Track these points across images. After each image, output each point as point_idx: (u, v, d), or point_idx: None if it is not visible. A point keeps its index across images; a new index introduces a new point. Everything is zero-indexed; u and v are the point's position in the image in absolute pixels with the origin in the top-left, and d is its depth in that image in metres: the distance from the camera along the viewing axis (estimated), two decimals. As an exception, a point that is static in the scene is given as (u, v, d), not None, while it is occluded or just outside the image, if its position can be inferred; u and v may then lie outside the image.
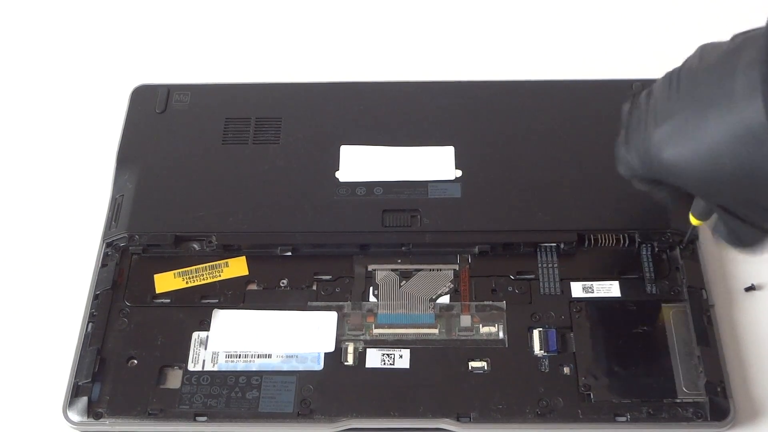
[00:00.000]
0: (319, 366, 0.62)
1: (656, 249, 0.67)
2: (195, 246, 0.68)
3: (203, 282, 0.67)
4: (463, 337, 0.64)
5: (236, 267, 0.67)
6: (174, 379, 0.62)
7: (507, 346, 0.63)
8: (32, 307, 0.68)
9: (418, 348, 0.63)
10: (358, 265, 0.67)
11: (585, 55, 0.82)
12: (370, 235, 0.68)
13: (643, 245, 0.67)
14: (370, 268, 0.67)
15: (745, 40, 0.51)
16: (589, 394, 0.61)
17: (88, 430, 0.61)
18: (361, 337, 0.64)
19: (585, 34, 0.84)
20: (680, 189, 0.56)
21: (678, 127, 0.53)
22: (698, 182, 0.53)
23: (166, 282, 0.67)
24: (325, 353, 0.63)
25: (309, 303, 0.65)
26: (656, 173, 0.55)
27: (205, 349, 0.63)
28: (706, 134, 0.51)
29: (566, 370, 0.62)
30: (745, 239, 0.57)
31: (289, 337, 0.64)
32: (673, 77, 0.55)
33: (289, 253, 0.67)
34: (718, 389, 0.60)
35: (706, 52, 0.54)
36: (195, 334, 0.64)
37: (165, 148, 0.73)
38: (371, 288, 0.66)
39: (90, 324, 0.64)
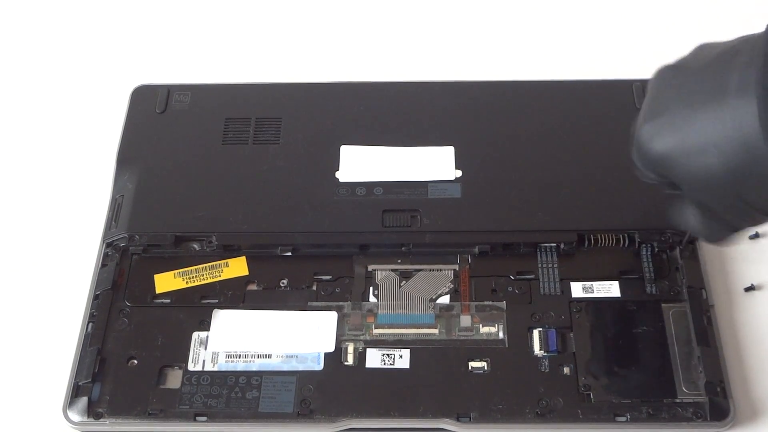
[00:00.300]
0: (319, 366, 0.62)
1: (656, 249, 0.67)
2: (195, 246, 0.68)
3: (203, 282, 0.67)
4: (463, 337, 0.64)
5: (236, 267, 0.67)
6: (174, 379, 0.62)
7: (507, 346, 0.63)
8: (32, 307, 0.68)
9: (418, 348, 0.63)
10: (358, 265, 0.67)
11: (585, 55, 0.82)
12: (370, 235, 0.68)
13: (643, 245, 0.67)
14: (370, 268, 0.67)
15: (743, 42, 0.51)
16: (589, 394, 0.61)
17: (88, 430, 0.61)
18: (361, 337, 0.64)
19: (585, 34, 0.84)
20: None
21: (668, 121, 0.53)
22: (684, 177, 0.54)
23: (166, 282, 0.67)
24: (325, 353, 0.63)
25: (309, 303, 0.65)
26: (650, 166, 0.56)
27: (205, 349, 0.63)
28: (695, 130, 0.51)
29: (566, 370, 0.62)
30: (715, 234, 0.57)
31: (289, 337, 0.64)
32: (667, 72, 0.55)
33: (289, 253, 0.67)
34: (718, 389, 0.60)
35: (702, 50, 0.54)
36: (195, 334, 0.64)
37: (165, 148, 0.73)
38: (371, 288, 0.66)
39: (90, 324, 0.64)
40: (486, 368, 0.62)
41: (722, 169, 0.51)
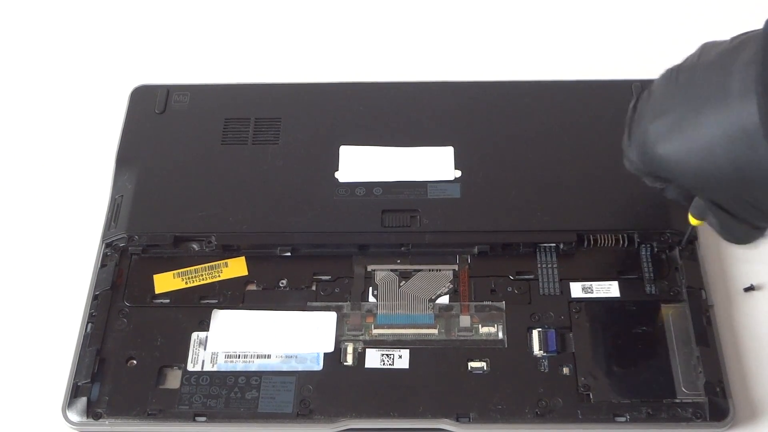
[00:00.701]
0: (319, 366, 0.62)
1: (655, 249, 0.67)
2: (194, 246, 0.68)
3: (203, 282, 0.67)
4: (463, 338, 0.64)
5: (235, 267, 0.67)
6: (173, 380, 0.62)
7: (506, 346, 0.63)
8: (32, 307, 0.68)
9: (418, 348, 0.63)
10: (358, 265, 0.67)
11: (585, 55, 0.82)
12: (369, 235, 0.68)
13: (643, 245, 0.67)
14: (370, 268, 0.67)
15: (744, 40, 0.51)
16: (589, 395, 0.61)
17: (87, 430, 0.61)
18: (361, 338, 0.64)
19: (585, 34, 0.84)
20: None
21: (673, 123, 0.53)
22: (692, 178, 0.54)
23: (166, 282, 0.67)
24: (325, 353, 0.63)
25: (308, 303, 0.65)
26: (653, 168, 0.56)
27: (205, 349, 0.63)
28: (700, 131, 0.51)
29: (565, 370, 0.62)
30: (736, 234, 0.57)
31: (289, 338, 0.64)
32: (672, 74, 0.55)
33: (289, 254, 0.67)
34: (718, 389, 0.60)
35: (705, 50, 0.54)
36: (194, 335, 0.64)
37: (164, 149, 0.73)
38: (371, 288, 0.66)
39: (89, 324, 0.64)
40: (485, 368, 0.62)
41: (729, 169, 0.51)
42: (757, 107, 0.49)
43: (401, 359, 0.63)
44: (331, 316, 0.65)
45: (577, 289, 0.65)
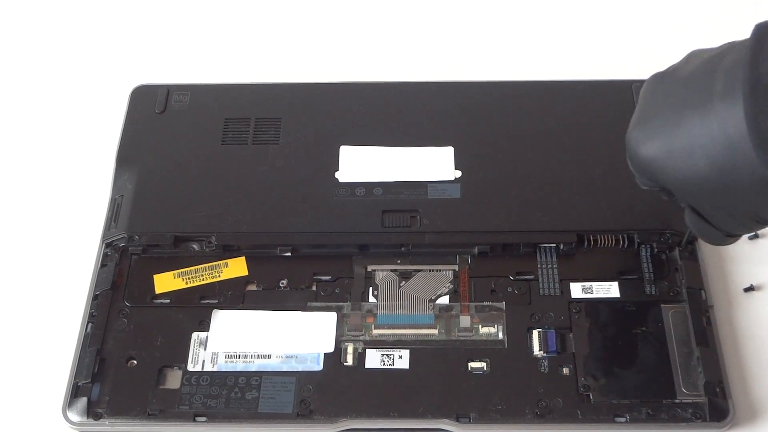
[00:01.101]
0: (319, 366, 0.62)
1: (655, 250, 0.67)
2: (194, 246, 0.68)
3: (203, 282, 0.67)
4: (463, 338, 0.64)
5: (236, 267, 0.67)
6: (173, 380, 0.62)
7: (506, 346, 0.63)
8: (32, 307, 0.68)
9: (418, 348, 0.63)
10: (358, 265, 0.67)
11: (585, 55, 0.82)
12: (369, 235, 0.68)
13: (643, 246, 0.67)
14: (370, 268, 0.67)
15: (729, 47, 0.52)
16: (589, 395, 0.61)
17: (87, 430, 0.61)
18: (361, 338, 0.64)
19: (585, 34, 0.84)
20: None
21: (657, 127, 0.53)
22: (673, 182, 0.54)
23: (166, 282, 0.67)
24: (325, 354, 0.63)
25: (308, 303, 0.65)
26: (640, 171, 0.56)
27: (205, 349, 0.63)
28: (682, 133, 0.52)
29: (565, 370, 0.62)
30: (711, 238, 0.58)
31: (289, 338, 0.64)
32: (657, 79, 0.56)
33: (289, 254, 0.67)
34: (717, 390, 0.60)
35: (692, 57, 0.55)
36: (194, 335, 0.64)
37: (164, 149, 0.73)
38: (371, 288, 0.66)
39: (90, 324, 0.64)
40: (485, 369, 0.62)
41: (709, 172, 0.51)
42: (743, 108, 0.49)
43: (401, 359, 0.63)
44: (331, 317, 0.65)
45: (577, 290, 0.65)
